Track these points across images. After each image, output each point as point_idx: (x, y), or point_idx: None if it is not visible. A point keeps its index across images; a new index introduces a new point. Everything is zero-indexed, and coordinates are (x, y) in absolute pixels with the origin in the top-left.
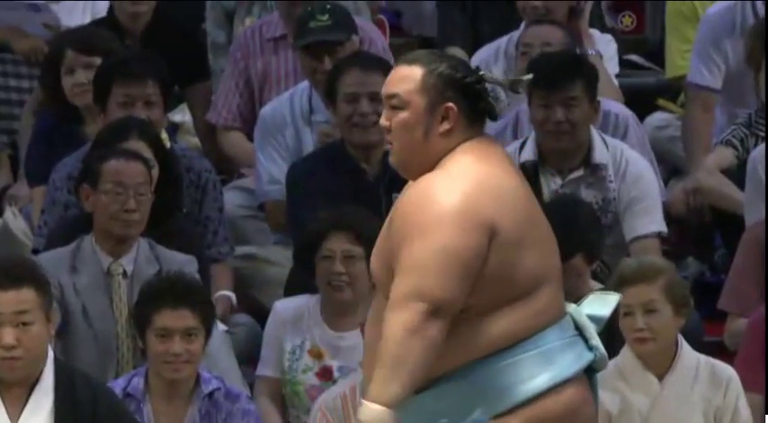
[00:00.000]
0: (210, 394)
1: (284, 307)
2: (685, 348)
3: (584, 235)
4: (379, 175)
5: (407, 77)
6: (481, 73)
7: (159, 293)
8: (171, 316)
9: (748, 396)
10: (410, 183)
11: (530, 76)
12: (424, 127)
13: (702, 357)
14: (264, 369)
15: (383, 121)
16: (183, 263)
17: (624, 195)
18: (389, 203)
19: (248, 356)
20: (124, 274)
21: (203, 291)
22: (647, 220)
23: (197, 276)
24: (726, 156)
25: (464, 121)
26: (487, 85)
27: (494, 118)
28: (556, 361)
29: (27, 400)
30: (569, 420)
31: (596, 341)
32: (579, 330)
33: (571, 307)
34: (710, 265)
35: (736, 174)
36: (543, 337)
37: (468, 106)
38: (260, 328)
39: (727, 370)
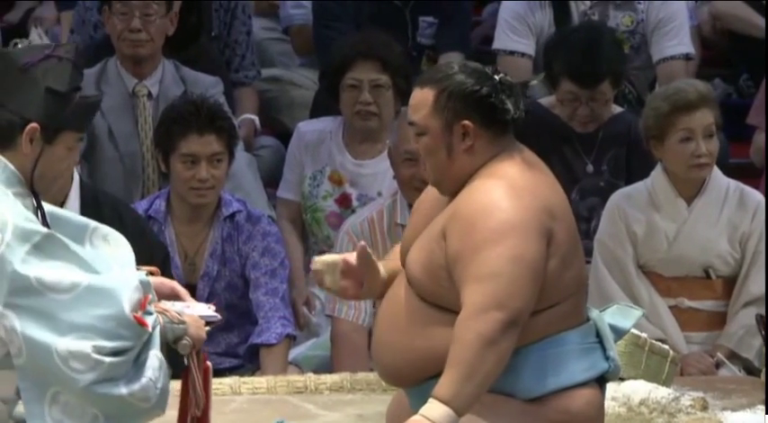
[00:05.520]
0: (232, 216)
1: (307, 129)
2: (716, 173)
3: (610, 62)
4: None
5: (421, 103)
6: (497, 78)
7: (184, 119)
8: (198, 142)
9: None
10: (464, 189)
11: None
12: (446, 147)
13: (732, 182)
14: (285, 192)
15: (414, 145)
16: (209, 84)
17: (652, 17)
18: (416, 26)
19: (273, 178)
20: (149, 95)
21: (227, 115)
22: (675, 41)
23: (222, 99)
24: None
25: (486, 133)
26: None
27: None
28: (571, 364)
29: None
30: (587, 419)
31: (613, 353)
32: (599, 338)
33: (594, 313)
34: (736, 87)
35: None
36: (564, 338)
37: (485, 118)
38: (285, 151)
39: (755, 196)
